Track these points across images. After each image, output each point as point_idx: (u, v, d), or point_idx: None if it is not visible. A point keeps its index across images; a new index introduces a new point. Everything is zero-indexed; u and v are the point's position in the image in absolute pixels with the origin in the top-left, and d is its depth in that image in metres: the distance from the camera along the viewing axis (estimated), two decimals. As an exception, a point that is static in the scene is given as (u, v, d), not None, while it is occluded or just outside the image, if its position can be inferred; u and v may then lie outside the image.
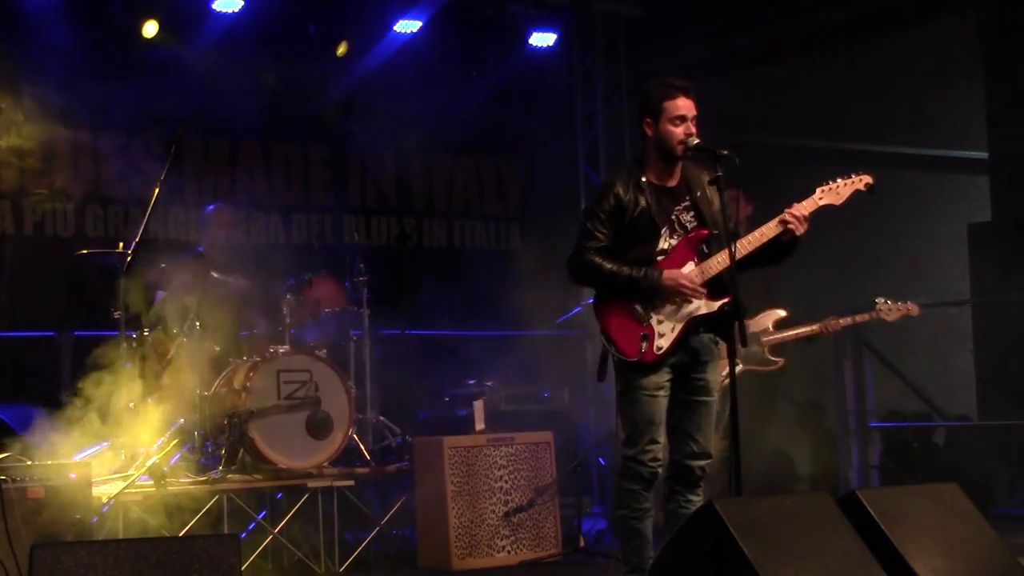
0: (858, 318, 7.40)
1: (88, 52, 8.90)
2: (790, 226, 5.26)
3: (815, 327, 7.35)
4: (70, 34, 8.86)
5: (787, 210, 5.30)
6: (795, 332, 7.29)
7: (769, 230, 5.29)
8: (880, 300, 7.31)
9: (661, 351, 5.26)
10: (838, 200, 5.34)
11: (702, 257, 5.33)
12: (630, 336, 5.29)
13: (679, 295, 5.27)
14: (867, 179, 5.33)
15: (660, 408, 5.31)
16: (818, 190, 5.35)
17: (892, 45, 11.34)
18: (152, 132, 9.54)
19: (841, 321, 7.39)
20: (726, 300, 5.22)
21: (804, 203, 5.32)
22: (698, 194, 5.40)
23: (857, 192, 5.34)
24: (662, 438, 5.32)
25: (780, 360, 7.13)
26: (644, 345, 5.26)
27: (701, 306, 5.30)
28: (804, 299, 7.87)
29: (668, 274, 5.28)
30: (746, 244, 5.26)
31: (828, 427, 10.51)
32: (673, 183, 5.43)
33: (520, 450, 7.50)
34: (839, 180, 5.34)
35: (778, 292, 7.35)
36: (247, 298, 8.14)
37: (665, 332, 5.28)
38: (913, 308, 7.29)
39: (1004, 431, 9.78)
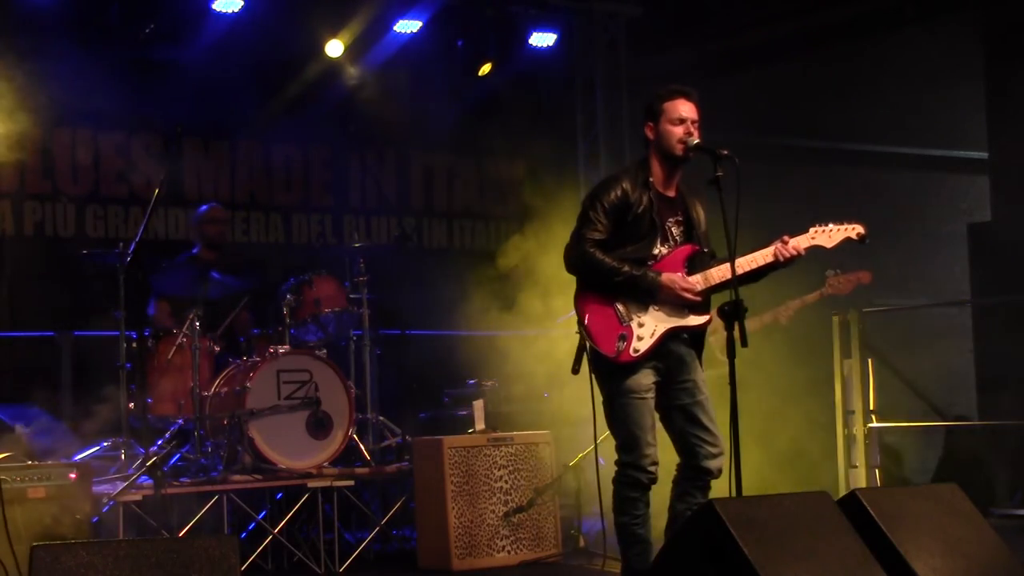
0: (809, 298, 7.27)
1: (88, 51, 8.89)
2: (782, 258, 5.29)
3: (766, 317, 7.24)
4: (70, 33, 8.86)
5: (782, 245, 5.31)
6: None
7: (763, 257, 5.32)
8: (831, 273, 7.18)
9: (637, 354, 5.25)
10: (829, 243, 5.39)
11: (689, 271, 5.34)
12: (608, 334, 5.29)
13: (676, 300, 5.27)
14: (859, 229, 5.39)
15: (650, 409, 5.31)
16: (812, 229, 5.39)
17: (892, 45, 11.33)
18: (152, 132, 9.54)
19: (792, 305, 7.28)
20: (712, 313, 5.24)
21: (800, 238, 5.35)
22: (691, 212, 5.46)
23: (848, 240, 5.38)
24: (655, 439, 5.32)
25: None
26: (620, 345, 5.25)
27: (689, 317, 5.30)
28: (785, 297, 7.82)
29: (667, 277, 5.27)
30: (738, 267, 5.23)
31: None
32: (672, 194, 5.45)
33: (520, 450, 7.50)
34: (831, 225, 5.38)
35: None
36: (247, 298, 8.14)
37: (644, 336, 5.27)
38: (865, 276, 7.17)
39: (1004, 431, 9.77)
